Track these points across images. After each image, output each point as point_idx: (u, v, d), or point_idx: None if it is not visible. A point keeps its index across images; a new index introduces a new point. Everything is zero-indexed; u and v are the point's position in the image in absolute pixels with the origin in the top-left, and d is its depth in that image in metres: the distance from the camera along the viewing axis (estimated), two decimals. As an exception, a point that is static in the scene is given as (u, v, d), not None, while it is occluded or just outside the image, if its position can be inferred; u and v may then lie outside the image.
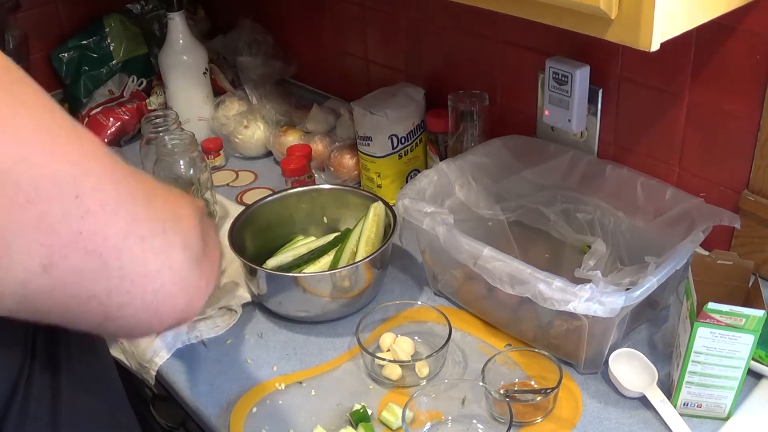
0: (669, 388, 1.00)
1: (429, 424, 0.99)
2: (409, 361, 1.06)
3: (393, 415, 0.99)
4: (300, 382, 1.07)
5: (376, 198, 1.25)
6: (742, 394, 0.97)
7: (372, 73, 1.63)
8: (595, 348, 1.02)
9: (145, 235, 0.55)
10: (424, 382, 1.05)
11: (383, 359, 1.06)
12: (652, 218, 1.13)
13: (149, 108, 1.76)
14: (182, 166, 1.35)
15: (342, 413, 1.02)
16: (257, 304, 1.22)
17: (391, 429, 0.99)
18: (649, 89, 1.17)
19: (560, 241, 1.21)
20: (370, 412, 1.01)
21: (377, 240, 1.20)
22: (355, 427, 0.99)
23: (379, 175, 1.42)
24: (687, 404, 0.97)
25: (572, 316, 0.97)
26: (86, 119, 1.71)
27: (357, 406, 1.01)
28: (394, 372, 1.05)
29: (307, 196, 1.32)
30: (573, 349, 1.04)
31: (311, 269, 1.22)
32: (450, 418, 0.99)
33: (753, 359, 0.96)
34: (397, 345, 1.09)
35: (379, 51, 1.60)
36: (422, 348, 1.11)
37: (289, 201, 1.31)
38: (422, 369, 1.06)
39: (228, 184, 1.58)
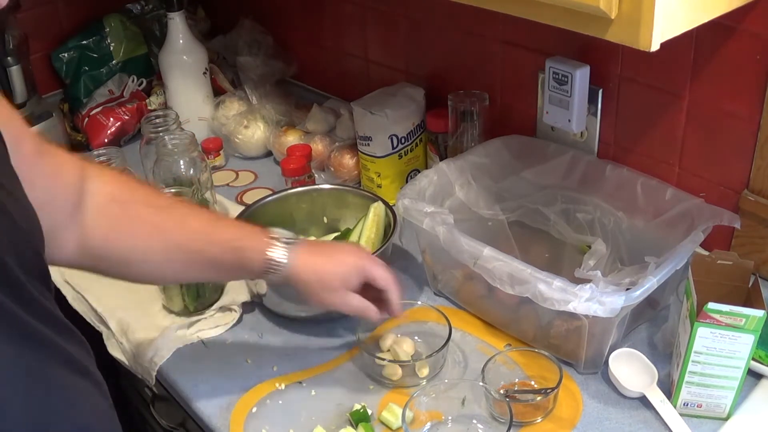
0: (669, 388, 1.00)
1: (429, 424, 0.99)
2: (409, 361, 1.06)
3: (393, 415, 0.99)
4: (300, 382, 1.07)
5: (376, 198, 1.25)
6: (742, 394, 0.97)
7: (372, 73, 1.63)
8: (595, 348, 1.02)
9: None
10: (424, 382, 1.05)
11: (383, 359, 1.06)
12: (652, 218, 1.13)
13: (149, 108, 1.76)
14: (182, 166, 1.35)
15: (342, 413, 1.02)
16: (257, 304, 1.22)
17: (391, 429, 0.99)
18: (649, 89, 1.17)
19: (560, 241, 1.21)
20: (370, 412, 1.01)
21: (377, 240, 1.20)
22: (355, 427, 0.99)
23: (379, 175, 1.42)
24: (687, 404, 0.97)
25: (572, 316, 0.97)
26: (86, 119, 1.71)
27: (357, 406, 1.01)
28: (394, 372, 1.05)
29: (307, 196, 1.32)
30: (573, 349, 1.04)
31: (311, 269, 1.22)
32: (450, 418, 0.99)
33: (753, 359, 0.96)
34: (397, 345, 1.09)
35: (379, 51, 1.60)
36: (422, 348, 1.11)
37: (289, 201, 1.31)
38: (422, 369, 1.06)
39: (228, 184, 1.58)
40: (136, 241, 0.90)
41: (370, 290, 0.98)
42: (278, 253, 0.93)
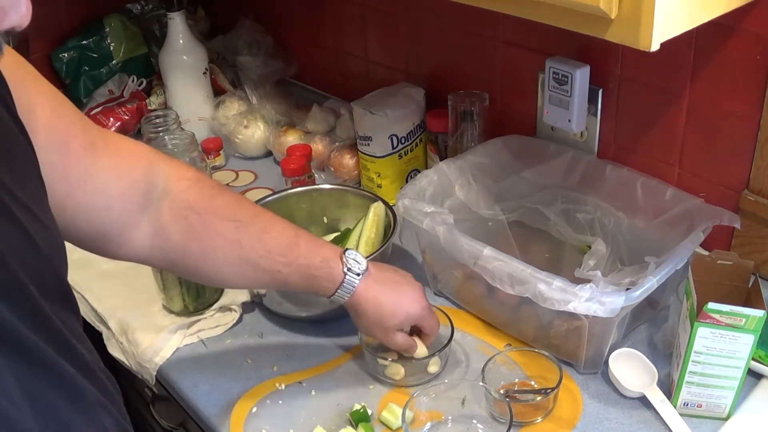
0: (669, 388, 1.00)
1: (429, 424, 0.99)
2: (411, 361, 1.06)
3: (393, 415, 0.99)
4: (300, 382, 1.07)
5: (376, 198, 1.25)
6: (742, 394, 0.97)
7: (372, 73, 1.63)
8: (595, 348, 1.02)
9: None
10: (425, 382, 1.05)
11: (386, 359, 1.06)
12: (652, 218, 1.13)
13: (149, 108, 1.76)
14: (182, 166, 1.35)
15: (342, 413, 1.02)
16: (257, 304, 1.22)
17: (391, 429, 0.99)
18: (649, 89, 1.17)
19: (560, 241, 1.21)
20: (370, 412, 1.01)
21: (377, 240, 1.20)
22: (355, 427, 0.99)
23: (379, 175, 1.42)
24: (687, 404, 0.97)
25: (572, 316, 0.97)
26: (86, 119, 1.71)
27: (357, 406, 1.01)
28: (397, 372, 1.05)
29: (307, 196, 1.32)
30: (573, 349, 1.04)
31: (311, 269, 1.22)
32: (450, 418, 0.99)
33: (753, 359, 0.96)
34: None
35: (379, 51, 1.60)
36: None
37: (289, 201, 1.31)
38: (427, 368, 1.06)
39: (228, 184, 1.58)
40: (213, 254, 0.89)
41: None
42: (349, 285, 0.95)
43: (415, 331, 1.05)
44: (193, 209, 0.88)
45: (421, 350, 1.07)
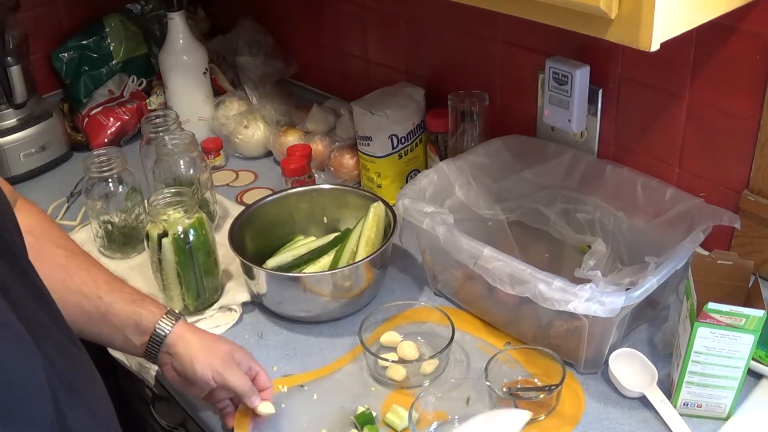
0: (669, 388, 1.00)
1: (435, 423, 0.99)
2: (412, 362, 1.06)
3: (398, 416, 0.99)
4: (301, 386, 1.07)
5: (376, 198, 1.25)
6: (742, 394, 0.97)
7: (372, 73, 1.63)
8: (595, 348, 1.02)
9: None
10: (427, 383, 1.05)
11: (387, 360, 1.06)
12: (652, 218, 1.13)
13: (149, 108, 1.76)
14: (182, 166, 1.35)
15: (345, 416, 1.01)
16: (257, 304, 1.22)
17: (396, 431, 0.99)
18: (649, 89, 1.17)
19: (560, 241, 1.22)
20: (374, 414, 1.00)
21: (377, 240, 1.20)
22: (360, 429, 0.99)
23: (379, 175, 1.42)
24: (687, 404, 0.97)
25: (572, 316, 0.97)
26: (86, 119, 1.71)
27: (361, 409, 1.00)
28: (397, 373, 1.05)
29: (307, 196, 1.32)
30: (573, 349, 1.04)
31: (311, 269, 1.22)
32: (456, 417, 0.99)
33: (753, 359, 0.96)
34: (400, 349, 1.09)
35: (379, 51, 1.60)
36: (425, 348, 1.11)
37: (289, 201, 1.31)
38: (427, 369, 1.06)
39: (228, 184, 1.58)
40: (42, 274, 0.89)
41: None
42: (172, 316, 0.98)
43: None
44: (31, 233, 0.89)
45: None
